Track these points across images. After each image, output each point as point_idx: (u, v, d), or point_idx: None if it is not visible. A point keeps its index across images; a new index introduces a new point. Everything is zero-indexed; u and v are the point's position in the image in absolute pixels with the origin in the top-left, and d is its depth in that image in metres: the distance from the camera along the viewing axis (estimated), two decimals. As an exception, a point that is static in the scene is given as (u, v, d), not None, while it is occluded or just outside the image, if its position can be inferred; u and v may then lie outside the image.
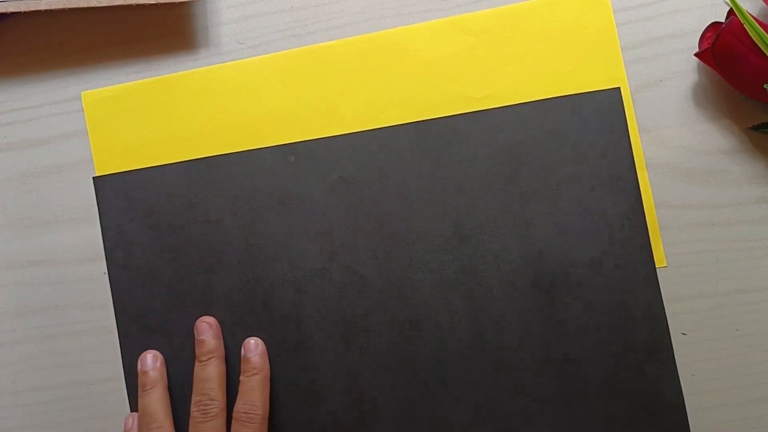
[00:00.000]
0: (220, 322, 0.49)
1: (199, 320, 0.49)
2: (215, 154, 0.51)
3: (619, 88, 0.50)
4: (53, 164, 0.51)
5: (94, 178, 0.51)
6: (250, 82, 0.51)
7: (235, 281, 0.50)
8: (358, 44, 0.51)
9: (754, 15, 0.48)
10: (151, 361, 0.49)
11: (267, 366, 0.49)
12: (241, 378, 0.48)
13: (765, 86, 0.46)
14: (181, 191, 0.50)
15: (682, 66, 0.51)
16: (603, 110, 0.49)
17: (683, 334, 0.49)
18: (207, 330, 0.49)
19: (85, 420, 0.50)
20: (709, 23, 0.49)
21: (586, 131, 0.49)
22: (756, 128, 0.50)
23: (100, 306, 0.51)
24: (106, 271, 0.50)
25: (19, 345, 0.51)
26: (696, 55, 0.49)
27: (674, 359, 0.48)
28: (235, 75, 0.51)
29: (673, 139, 0.50)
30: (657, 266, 0.49)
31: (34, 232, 0.51)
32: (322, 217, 0.50)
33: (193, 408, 0.47)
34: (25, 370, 0.51)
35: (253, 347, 0.49)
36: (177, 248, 0.50)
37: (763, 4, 0.50)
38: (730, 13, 0.48)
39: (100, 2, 0.49)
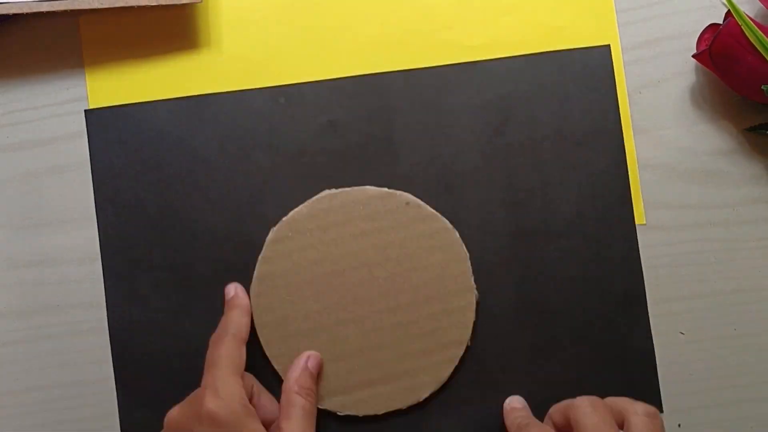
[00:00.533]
0: (204, 258, 0.50)
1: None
2: (206, 93, 0.51)
3: (609, 45, 0.50)
4: (55, 165, 0.52)
5: (85, 110, 0.51)
6: (246, 17, 0.51)
7: (220, 218, 0.50)
8: None
9: (752, 17, 0.48)
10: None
11: (245, 300, 0.48)
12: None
13: (762, 87, 0.47)
14: (170, 127, 0.51)
15: (680, 67, 0.51)
16: (592, 67, 0.50)
17: (681, 333, 0.49)
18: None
19: (85, 420, 0.50)
20: (707, 25, 0.50)
21: (574, 87, 0.50)
22: (753, 129, 0.50)
23: (101, 306, 0.51)
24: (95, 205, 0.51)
25: (20, 345, 0.51)
26: (694, 56, 0.49)
27: (647, 312, 0.49)
28: (230, 9, 0.52)
29: (671, 140, 0.50)
30: (637, 223, 0.50)
31: (36, 232, 0.51)
32: (309, 159, 0.50)
33: None
34: (26, 369, 0.51)
35: (232, 289, 0.49)
36: (165, 183, 0.50)
37: (761, 5, 0.50)
38: (728, 14, 0.48)
39: (102, 4, 0.49)
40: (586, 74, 0.50)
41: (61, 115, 0.52)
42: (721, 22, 0.49)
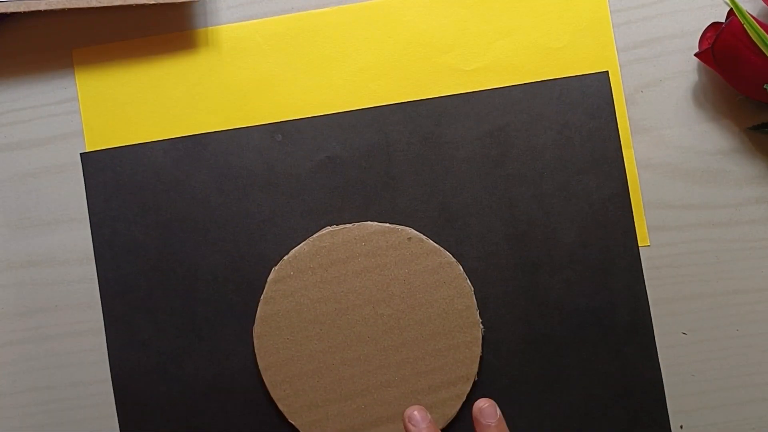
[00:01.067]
0: (205, 300, 0.50)
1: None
2: (202, 132, 0.51)
3: (607, 72, 0.50)
4: (53, 164, 0.51)
5: (81, 154, 0.51)
6: (241, 45, 0.51)
7: (220, 259, 0.50)
8: (352, 12, 0.51)
9: (754, 15, 0.48)
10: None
11: None
12: None
13: (765, 86, 0.46)
14: (168, 168, 0.50)
15: (682, 66, 0.51)
16: (591, 94, 0.50)
17: (684, 333, 0.49)
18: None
19: (84, 420, 0.50)
20: (709, 23, 0.49)
21: (573, 115, 0.50)
22: (756, 128, 0.50)
23: (99, 306, 0.50)
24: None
25: (19, 345, 0.51)
26: (696, 55, 0.49)
27: (654, 340, 0.49)
28: (226, 38, 0.51)
29: (673, 140, 0.50)
30: (640, 245, 0.49)
31: (34, 233, 0.51)
32: (309, 197, 0.50)
33: None
34: (24, 370, 0.51)
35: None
36: (163, 225, 0.50)
37: (763, 4, 0.50)
38: (730, 13, 0.48)
39: (100, 2, 0.49)
40: (584, 101, 0.50)
41: (59, 115, 0.52)
42: (723, 21, 0.49)
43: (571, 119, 0.50)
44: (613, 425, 0.48)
